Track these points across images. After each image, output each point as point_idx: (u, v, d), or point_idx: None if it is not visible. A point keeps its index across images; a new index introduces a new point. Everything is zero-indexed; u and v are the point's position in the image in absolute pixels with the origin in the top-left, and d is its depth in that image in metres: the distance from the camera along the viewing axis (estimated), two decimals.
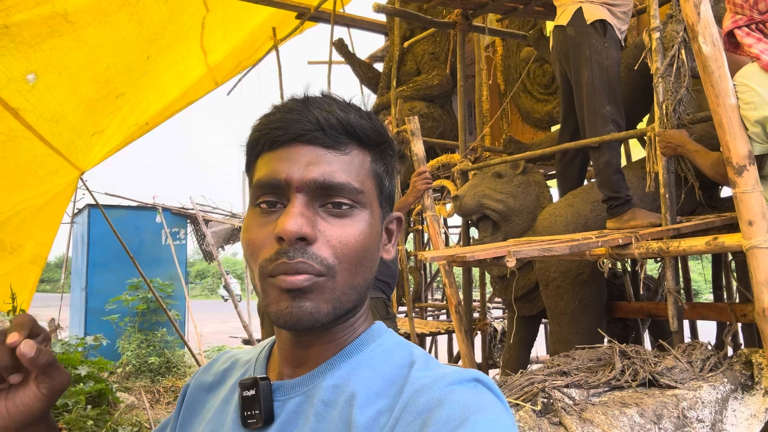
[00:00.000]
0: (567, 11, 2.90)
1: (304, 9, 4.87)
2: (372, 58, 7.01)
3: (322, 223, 0.61)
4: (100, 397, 4.84)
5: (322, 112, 0.62)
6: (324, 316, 0.61)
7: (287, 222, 0.58)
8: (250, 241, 0.63)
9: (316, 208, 0.61)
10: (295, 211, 0.59)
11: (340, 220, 0.62)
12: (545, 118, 4.93)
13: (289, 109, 0.63)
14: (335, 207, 0.62)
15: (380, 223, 0.67)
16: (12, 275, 4.43)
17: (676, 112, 2.45)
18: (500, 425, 0.53)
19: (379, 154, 0.67)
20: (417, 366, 0.62)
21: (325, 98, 0.65)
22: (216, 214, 9.65)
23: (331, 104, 0.64)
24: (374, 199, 0.66)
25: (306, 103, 0.64)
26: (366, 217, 0.63)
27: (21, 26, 2.84)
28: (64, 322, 8.54)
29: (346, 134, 0.63)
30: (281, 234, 0.58)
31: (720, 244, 2.01)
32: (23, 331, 0.60)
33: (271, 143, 0.63)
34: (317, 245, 0.60)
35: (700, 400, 1.67)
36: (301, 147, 0.62)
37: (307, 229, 0.59)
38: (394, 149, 0.70)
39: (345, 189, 0.61)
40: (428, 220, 3.14)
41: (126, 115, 4.41)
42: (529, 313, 3.53)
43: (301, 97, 0.65)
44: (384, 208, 0.68)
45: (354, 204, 0.62)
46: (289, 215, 0.59)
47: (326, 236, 0.61)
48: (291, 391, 0.65)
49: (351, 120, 0.63)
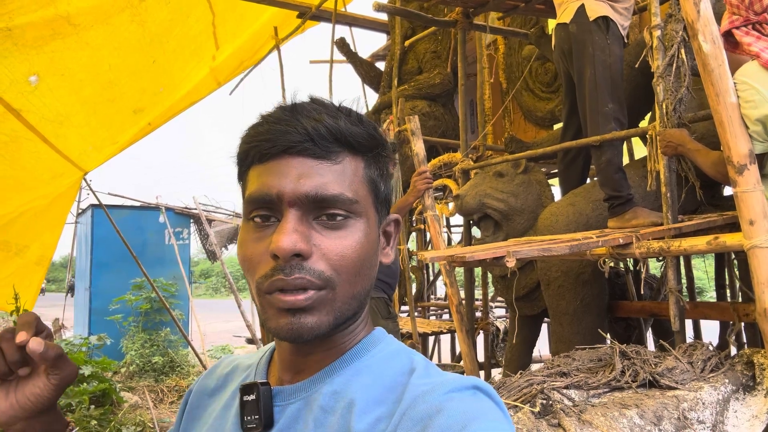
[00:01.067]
0: (569, 9, 2.89)
1: (305, 8, 4.87)
2: (374, 56, 7.00)
3: (317, 237, 0.60)
4: (103, 397, 4.87)
5: (310, 121, 0.61)
6: (325, 327, 0.60)
7: (281, 240, 0.58)
8: (245, 257, 0.62)
9: (310, 221, 0.61)
10: (288, 227, 0.59)
11: (336, 232, 0.61)
12: (547, 116, 4.92)
13: (277, 119, 0.62)
14: (330, 219, 0.61)
15: (377, 229, 0.67)
16: (17, 276, 4.45)
17: (676, 111, 2.44)
18: None
19: (372, 158, 0.66)
20: (417, 373, 0.62)
21: (313, 104, 0.64)
22: (219, 213, 9.67)
23: (320, 111, 0.62)
24: (369, 205, 0.65)
25: (294, 112, 0.62)
26: (362, 227, 0.63)
27: (24, 29, 2.85)
28: (68, 322, 8.58)
29: (336, 143, 0.62)
30: (276, 252, 0.58)
31: (721, 243, 2.00)
32: (30, 329, 0.64)
33: (261, 156, 0.62)
34: (313, 259, 0.59)
35: (701, 401, 1.67)
36: (292, 159, 0.61)
37: (301, 245, 0.58)
38: (388, 150, 0.69)
39: (338, 200, 0.60)
40: (429, 219, 3.14)
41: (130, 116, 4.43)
42: (530, 313, 3.52)
43: (288, 106, 0.64)
44: (380, 212, 0.67)
45: (349, 214, 0.61)
46: (282, 232, 0.58)
47: (322, 249, 0.60)
48: (290, 397, 0.65)
49: (341, 127, 0.62)
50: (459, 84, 4.01)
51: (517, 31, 4.72)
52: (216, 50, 4.74)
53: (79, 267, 9.33)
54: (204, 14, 4.09)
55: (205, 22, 4.18)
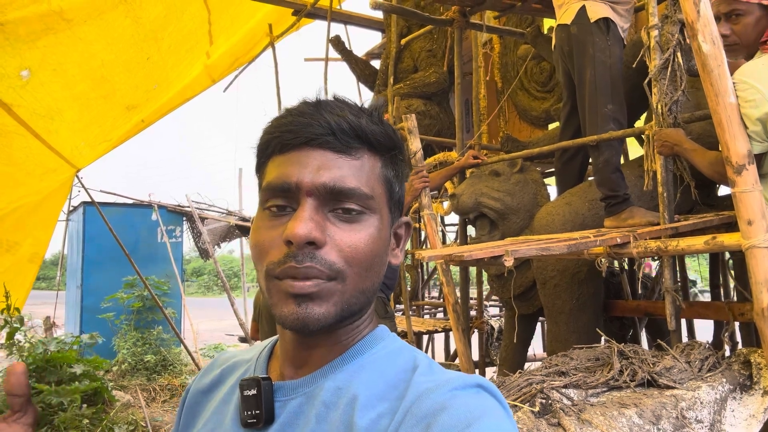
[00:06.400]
0: (570, 10, 2.89)
1: (300, 6, 4.85)
2: (369, 55, 6.98)
3: (331, 228, 0.61)
4: (95, 396, 4.82)
5: (333, 116, 0.62)
6: (331, 319, 0.61)
7: (297, 226, 0.59)
8: (258, 243, 0.63)
9: (326, 212, 0.62)
10: (304, 215, 0.60)
11: (350, 225, 0.62)
12: (543, 115, 4.92)
13: (301, 112, 0.63)
14: (345, 212, 0.62)
15: (389, 229, 0.68)
16: (9, 273, 4.41)
17: (671, 111, 2.44)
18: (503, 431, 0.53)
19: (389, 159, 0.67)
20: (420, 370, 0.62)
21: (337, 102, 0.65)
22: (212, 211, 9.61)
23: (343, 108, 0.64)
24: (384, 204, 0.66)
25: (318, 107, 0.64)
26: (375, 222, 0.64)
27: (16, 23, 2.82)
28: (59, 320, 8.51)
29: (357, 139, 0.63)
30: (290, 238, 0.59)
31: (719, 243, 2.01)
32: None
33: (282, 146, 0.63)
34: (326, 249, 0.60)
35: (699, 401, 1.67)
36: (312, 151, 0.62)
37: (316, 234, 0.59)
38: (405, 154, 0.70)
39: (355, 194, 0.62)
40: (425, 218, 3.13)
41: (123, 112, 4.39)
42: (526, 312, 3.52)
43: (313, 101, 0.65)
44: (393, 213, 0.68)
45: (363, 209, 0.63)
46: (298, 219, 0.59)
47: (335, 241, 0.61)
48: (292, 392, 0.65)
49: (362, 125, 0.63)
50: (455, 83, 4.00)
51: (514, 31, 4.72)
52: (210, 47, 4.72)
53: (71, 265, 9.26)
54: (199, 11, 4.07)
55: (201, 19, 4.16)
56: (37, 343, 4.68)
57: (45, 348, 4.61)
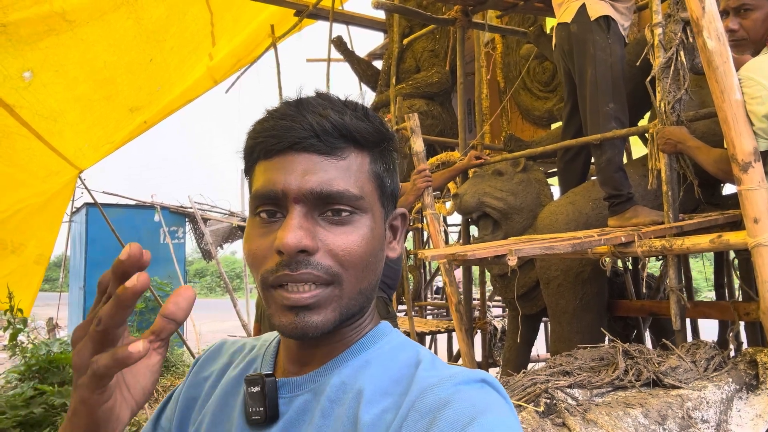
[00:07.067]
0: (570, 8, 2.87)
1: (302, 6, 4.85)
2: (371, 55, 6.98)
3: (322, 232, 0.60)
4: None
5: (316, 116, 0.61)
6: (330, 325, 0.60)
7: (286, 236, 0.57)
8: (251, 251, 0.62)
9: (316, 217, 0.61)
10: (293, 223, 0.58)
11: (341, 227, 0.61)
12: (545, 115, 4.91)
13: (282, 114, 0.62)
14: (335, 215, 0.61)
15: (383, 224, 0.66)
16: (16, 275, 4.42)
17: (675, 110, 2.42)
18: (507, 426, 0.53)
19: (378, 153, 0.65)
20: (423, 365, 0.62)
21: (319, 99, 0.63)
22: (215, 212, 9.62)
23: (326, 106, 0.62)
24: (375, 201, 0.65)
25: (299, 108, 0.62)
26: (367, 222, 0.62)
27: (18, 25, 2.82)
28: (62, 321, 8.52)
29: (342, 138, 0.62)
30: (280, 248, 0.58)
31: (724, 241, 1.99)
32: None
33: (266, 152, 0.62)
34: (319, 255, 0.59)
35: (705, 401, 1.66)
36: (297, 155, 0.60)
37: (306, 242, 0.58)
38: (395, 144, 0.68)
39: (344, 196, 0.60)
40: (428, 218, 3.12)
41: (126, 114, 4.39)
42: (529, 312, 3.51)
43: (294, 101, 0.63)
44: (386, 207, 0.67)
45: (354, 210, 0.61)
46: (287, 229, 0.58)
47: (328, 245, 0.60)
48: (298, 389, 0.64)
49: (346, 122, 0.61)
50: (457, 83, 3.99)
51: (516, 30, 4.71)
52: (213, 48, 4.72)
53: (74, 266, 9.27)
54: (201, 12, 4.07)
55: (203, 20, 4.16)
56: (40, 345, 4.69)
57: (48, 349, 4.61)
